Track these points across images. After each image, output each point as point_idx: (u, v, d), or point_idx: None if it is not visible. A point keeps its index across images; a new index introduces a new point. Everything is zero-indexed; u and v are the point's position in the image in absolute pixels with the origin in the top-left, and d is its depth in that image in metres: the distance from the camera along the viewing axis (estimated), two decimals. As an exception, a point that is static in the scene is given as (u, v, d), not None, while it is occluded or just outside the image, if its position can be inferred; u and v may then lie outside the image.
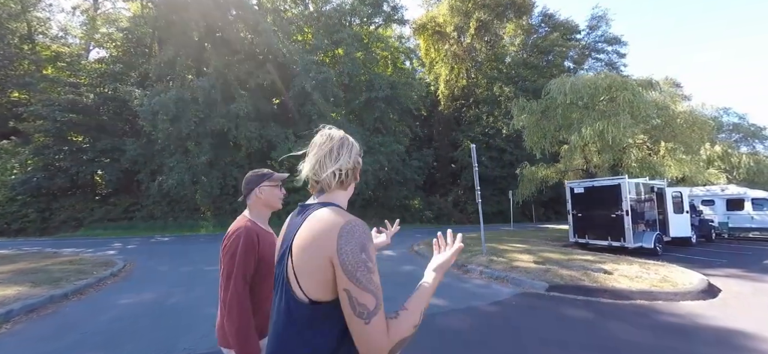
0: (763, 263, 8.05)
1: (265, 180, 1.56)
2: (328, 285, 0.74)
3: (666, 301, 4.65)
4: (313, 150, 0.89)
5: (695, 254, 9.22)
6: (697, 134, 12.89)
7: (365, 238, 0.76)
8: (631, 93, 10.97)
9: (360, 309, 0.70)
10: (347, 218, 0.78)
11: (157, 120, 16.96)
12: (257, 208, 1.56)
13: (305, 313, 0.74)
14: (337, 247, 0.73)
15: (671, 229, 9.92)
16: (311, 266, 0.74)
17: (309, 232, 0.77)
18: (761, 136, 19.90)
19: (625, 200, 8.70)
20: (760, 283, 5.97)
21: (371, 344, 0.70)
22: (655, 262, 7.03)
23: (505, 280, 5.77)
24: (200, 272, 7.18)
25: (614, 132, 10.49)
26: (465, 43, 31.40)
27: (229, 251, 1.37)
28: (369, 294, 0.71)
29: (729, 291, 5.35)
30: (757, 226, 12.34)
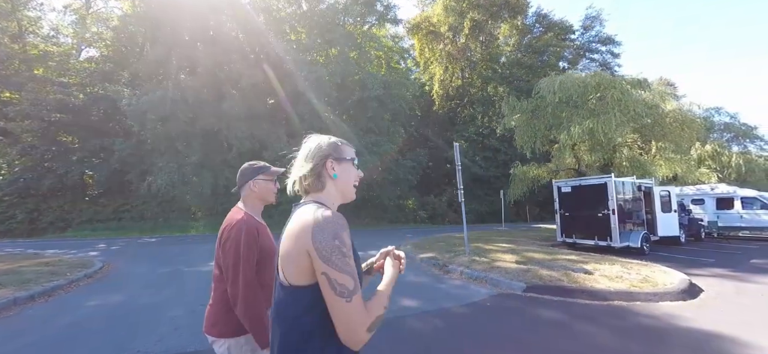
0: (750, 262, 7.95)
1: (260, 173, 1.55)
2: (304, 271, 0.80)
3: (644, 302, 4.53)
4: (297, 157, 0.99)
5: (683, 254, 9.12)
6: (687, 133, 12.83)
7: (338, 227, 0.81)
8: (619, 91, 10.88)
9: (340, 289, 0.76)
10: (322, 212, 0.83)
11: (145, 120, 16.78)
12: (251, 200, 1.55)
13: (287, 297, 0.83)
14: (312, 236, 0.79)
15: (659, 229, 9.81)
16: (291, 255, 0.81)
17: (292, 226, 0.85)
18: (752, 135, 19.88)
19: (612, 199, 8.59)
20: (744, 283, 5.86)
21: (352, 321, 0.75)
22: (639, 261, 6.92)
23: (484, 280, 5.63)
24: (177, 274, 7.03)
25: (604, 130, 10.40)
26: (459, 43, 31.29)
27: (233, 243, 1.37)
28: (346, 275, 0.77)
29: (711, 291, 5.24)
30: (746, 225, 12.27)
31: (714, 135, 19.80)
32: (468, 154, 28.91)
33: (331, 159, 0.94)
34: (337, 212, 0.86)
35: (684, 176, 16.25)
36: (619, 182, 9.09)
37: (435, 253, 7.91)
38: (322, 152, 0.94)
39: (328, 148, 0.95)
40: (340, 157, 0.96)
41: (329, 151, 0.95)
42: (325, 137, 0.99)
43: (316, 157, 0.94)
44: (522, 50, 32.88)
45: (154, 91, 17.13)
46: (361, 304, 0.78)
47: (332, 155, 0.95)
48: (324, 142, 0.97)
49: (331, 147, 0.96)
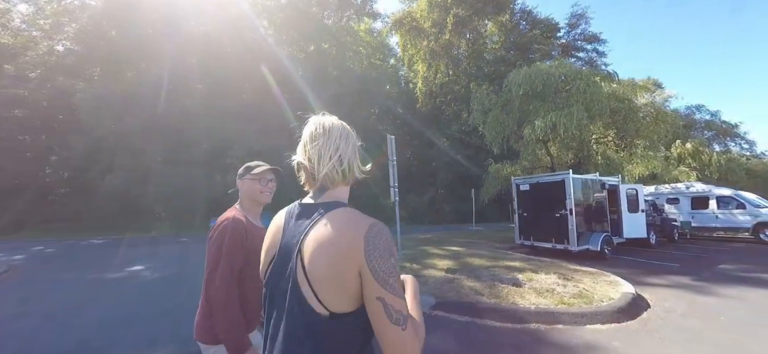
0: (718, 268, 7.09)
1: (247, 172, 1.48)
2: (353, 295, 0.67)
3: (566, 326, 3.62)
4: (309, 140, 0.79)
5: (648, 257, 8.26)
6: (661, 128, 11.98)
7: (391, 241, 0.71)
8: (585, 83, 9.99)
9: (397, 316, 0.65)
10: (370, 221, 0.71)
11: (99, 115, 15.74)
12: (243, 199, 1.49)
13: (324, 327, 0.66)
14: (366, 254, 0.66)
15: (625, 230, 8.94)
16: (335, 276, 0.65)
17: (327, 239, 0.68)
18: (733, 133, 19.10)
19: (569, 198, 7.69)
20: (702, 296, 4.98)
21: (408, 349, 0.65)
22: (590, 269, 6.03)
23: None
24: (79, 281, 6.28)
25: (566, 124, 9.51)
26: (443, 39, 30.37)
27: (216, 243, 1.29)
28: (402, 299, 0.67)
29: (658, 308, 4.35)
30: (721, 225, 11.43)
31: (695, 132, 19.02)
32: (451, 152, 28.08)
33: (358, 151, 0.82)
34: (380, 221, 0.71)
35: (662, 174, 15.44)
36: (579, 179, 8.20)
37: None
38: (351, 144, 0.80)
39: (356, 141, 0.83)
40: (359, 151, 0.84)
41: (356, 144, 0.82)
42: (346, 126, 0.82)
43: (346, 148, 0.78)
44: (506, 48, 32.00)
45: (109, 86, 16.09)
46: (414, 329, 0.67)
47: (357, 149, 0.82)
48: (352, 132, 0.83)
49: (356, 140, 0.84)
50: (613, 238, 8.83)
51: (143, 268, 7.97)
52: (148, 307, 4.73)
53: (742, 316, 4.05)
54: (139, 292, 5.59)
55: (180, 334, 3.65)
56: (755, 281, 5.84)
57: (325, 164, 0.75)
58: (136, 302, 4.99)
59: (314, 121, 0.82)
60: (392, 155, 7.02)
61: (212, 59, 19.36)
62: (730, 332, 3.58)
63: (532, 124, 10.42)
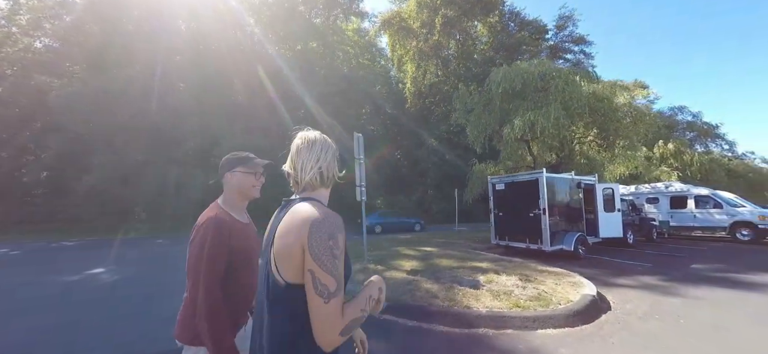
0: (690, 268, 6.97)
1: (240, 164, 1.37)
2: (298, 268, 0.78)
3: (516, 330, 3.40)
4: (295, 153, 0.93)
5: (623, 257, 8.12)
6: (641, 129, 11.93)
7: (335, 228, 0.80)
8: (563, 81, 9.85)
9: (321, 288, 0.74)
10: (322, 210, 0.82)
11: (76, 114, 15.25)
12: (229, 194, 1.38)
13: (281, 294, 0.80)
14: (309, 234, 0.77)
15: (601, 230, 8.80)
16: (286, 252, 0.79)
17: (288, 222, 0.82)
18: (714, 134, 19.21)
19: (543, 198, 7.52)
20: (667, 297, 4.81)
21: (326, 322, 0.74)
22: (556, 269, 5.84)
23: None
24: (29, 285, 6.05)
25: (544, 122, 9.36)
26: (432, 40, 30.24)
27: (197, 244, 1.21)
28: (331, 277, 0.76)
29: (619, 311, 4.16)
30: (699, 225, 11.39)
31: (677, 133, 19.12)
32: (439, 152, 27.95)
33: (337, 160, 0.95)
34: (335, 212, 0.84)
35: (644, 174, 15.44)
36: (553, 178, 8.04)
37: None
38: (330, 155, 0.94)
39: (335, 152, 0.96)
40: (338, 160, 0.97)
41: (335, 155, 0.95)
42: (326, 140, 0.96)
43: (325, 159, 0.92)
44: (495, 49, 31.98)
45: (88, 83, 15.61)
46: (339, 308, 0.76)
47: (336, 158, 0.96)
48: (332, 144, 0.97)
49: (335, 151, 0.96)
50: (589, 238, 8.71)
51: (104, 271, 7.60)
52: (88, 314, 4.41)
53: (703, 319, 3.88)
54: (87, 297, 5.25)
55: (112, 341, 3.39)
56: (723, 281, 5.71)
57: (307, 173, 0.89)
58: (78, 308, 4.67)
59: (300, 136, 0.94)
60: (359, 154, 6.78)
61: (197, 57, 18.95)
62: (687, 336, 3.39)
63: (512, 123, 10.26)
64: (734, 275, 6.20)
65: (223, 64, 19.47)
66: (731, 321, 3.82)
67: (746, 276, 6.13)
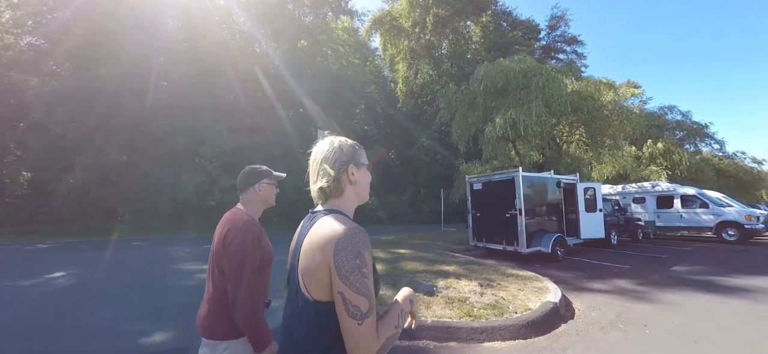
0: (670, 270, 6.66)
1: (265, 177, 1.50)
2: (325, 287, 0.76)
3: (461, 342, 3.06)
4: (310, 164, 0.91)
5: (604, 258, 7.81)
6: (627, 128, 11.64)
7: (361, 245, 0.77)
8: (545, 78, 9.54)
9: (353, 310, 0.72)
10: (346, 226, 0.79)
11: (55, 112, 14.82)
12: (254, 203, 1.48)
13: (308, 310, 0.78)
14: (334, 253, 0.74)
15: (582, 230, 8.48)
16: (312, 269, 0.77)
17: (312, 239, 0.80)
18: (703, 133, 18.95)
19: (519, 198, 7.19)
20: (638, 302, 4.49)
21: (362, 344, 0.72)
22: (524, 273, 5.51)
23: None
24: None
25: (525, 121, 9.03)
26: (424, 39, 29.94)
27: (240, 245, 1.30)
28: (362, 297, 0.73)
29: (581, 320, 3.83)
30: (685, 225, 11.09)
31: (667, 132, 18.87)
32: (430, 151, 27.65)
33: (352, 164, 0.89)
34: (361, 227, 0.81)
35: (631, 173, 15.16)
36: (531, 178, 7.72)
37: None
38: (343, 159, 0.89)
39: (348, 154, 0.90)
40: (359, 162, 0.91)
41: (350, 157, 0.90)
42: (343, 140, 0.92)
43: (337, 164, 0.88)
44: (487, 48, 31.71)
45: (68, 82, 15.19)
46: (373, 328, 0.74)
47: (352, 160, 0.90)
48: (344, 147, 0.91)
49: (351, 153, 0.91)
50: (570, 239, 8.39)
51: (64, 275, 7.21)
52: (25, 320, 4.05)
53: (671, 328, 3.56)
54: (33, 302, 4.88)
55: (48, 349, 3.05)
56: (702, 285, 5.39)
57: (313, 184, 0.89)
58: (16, 314, 4.30)
59: (314, 149, 0.92)
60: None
61: (181, 54, 18.54)
62: (649, 350, 3.06)
63: (493, 122, 9.94)
64: (714, 278, 5.88)
65: (210, 62, 19.07)
66: (702, 330, 3.49)
67: (727, 279, 5.82)
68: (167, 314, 4.22)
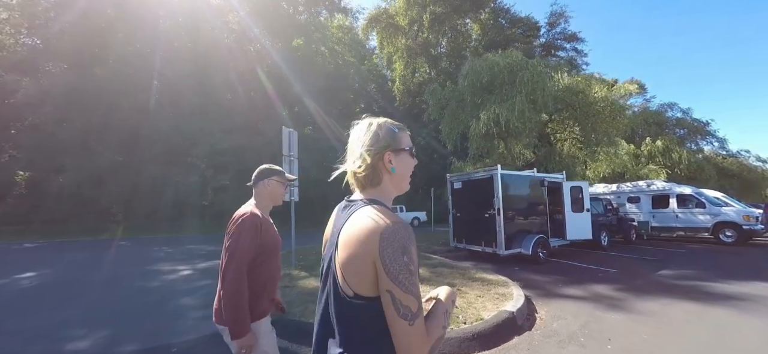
0: (656, 274, 6.23)
1: (275, 175, 1.59)
2: (371, 283, 0.71)
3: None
4: (348, 146, 0.86)
5: (590, 261, 7.38)
6: (620, 125, 11.16)
7: (407, 240, 0.72)
8: (530, 73, 9.11)
9: (404, 311, 0.68)
10: (390, 220, 0.73)
11: (43, 113, 14.81)
12: (262, 198, 1.58)
13: (349, 304, 0.73)
14: (380, 249, 0.69)
15: (569, 231, 8.06)
16: (355, 263, 0.72)
17: (353, 231, 0.74)
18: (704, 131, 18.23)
19: (497, 197, 6.81)
20: (610, 311, 4.11)
21: (414, 345, 0.68)
22: (492, 277, 5.14)
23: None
24: None
25: (508, 116, 8.63)
26: (421, 37, 29.49)
27: (234, 235, 1.38)
28: (412, 296, 0.69)
29: (540, 331, 3.47)
30: (681, 225, 10.56)
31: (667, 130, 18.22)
32: (427, 151, 27.27)
33: (390, 151, 0.81)
34: (404, 220, 0.75)
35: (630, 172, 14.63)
36: (512, 176, 7.33)
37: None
38: (380, 144, 0.81)
39: (386, 138, 0.81)
40: (398, 148, 0.83)
41: (387, 141, 0.81)
42: (381, 123, 0.84)
43: (373, 149, 0.80)
44: (486, 46, 31.15)
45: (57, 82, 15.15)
46: (423, 327, 0.70)
47: (390, 146, 0.81)
48: (382, 130, 0.82)
49: (389, 136, 0.82)
50: (555, 241, 7.99)
51: (34, 275, 7.06)
52: None
53: (636, 344, 3.18)
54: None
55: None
56: (686, 292, 4.97)
57: (353, 163, 0.81)
58: None
59: (351, 132, 0.86)
60: (290, 150, 6.13)
61: (174, 54, 18.44)
62: (605, 368, 2.70)
63: (478, 118, 9.55)
64: (703, 284, 5.45)
65: (203, 62, 18.94)
66: (670, 347, 3.11)
67: (715, 285, 5.38)
68: (108, 319, 4.02)
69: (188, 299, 4.93)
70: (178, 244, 12.26)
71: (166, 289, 5.59)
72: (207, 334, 3.50)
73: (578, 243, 8.65)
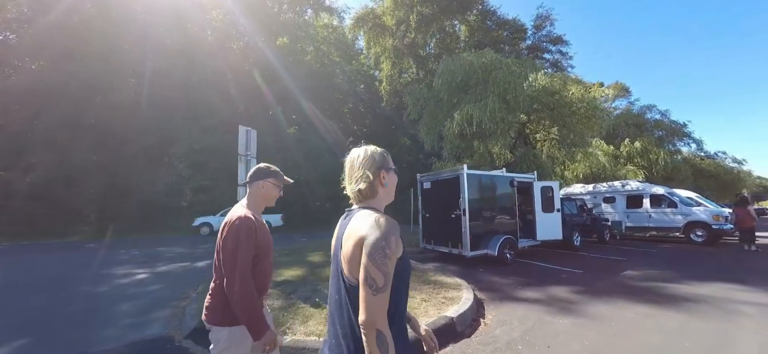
0: (621, 275, 6.14)
1: (272, 176, 1.59)
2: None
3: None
4: (348, 169, 1.03)
5: (557, 262, 7.28)
6: (595, 126, 11.15)
7: (389, 231, 0.86)
8: (504, 72, 9.01)
9: (370, 281, 0.81)
10: (378, 215, 0.90)
11: (10, 109, 14.19)
12: (256, 198, 1.58)
13: (352, 292, 0.87)
14: (366, 234, 0.85)
15: (539, 231, 7.97)
16: (352, 253, 0.87)
17: (352, 228, 0.91)
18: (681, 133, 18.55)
19: (463, 198, 6.66)
20: (560, 315, 3.96)
21: (370, 313, 0.79)
22: (445, 280, 4.97)
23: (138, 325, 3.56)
24: None
25: (480, 116, 8.51)
26: (409, 37, 29.38)
27: (232, 239, 1.39)
28: (380, 272, 0.81)
29: (479, 337, 3.30)
30: (654, 225, 10.60)
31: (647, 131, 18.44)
32: (412, 152, 27.18)
33: (383, 170, 1.01)
34: (391, 218, 0.91)
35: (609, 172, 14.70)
36: (479, 176, 7.19)
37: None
38: (376, 165, 1.00)
39: (380, 161, 1.02)
40: (389, 168, 1.03)
41: (381, 163, 1.01)
42: (374, 149, 1.03)
43: (372, 169, 0.99)
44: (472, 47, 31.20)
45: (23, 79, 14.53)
46: (384, 304, 0.81)
47: (384, 166, 1.01)
48: (376, 155, 1.02)
49: (381, 159, 1.02)
50: (525, 241, 7.89)
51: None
52: None
53: (576, 349, 3.02)
54: None
55: None
56: (644, 293, 4.88)
57: (350, 187, 1.01)
58: None
59: (349, 155, 1.04)
60: (247, 149, 5.86)
61: (152, 51, 17.90)
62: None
63: (452, 118, 9.41)
64: (663, 285, 5.37)
65: (181, 59, 18.45)
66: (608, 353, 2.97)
67: (674, 286, 5.31)
68: (34, 326, 3.73)
69: (127, 305, 4.63)
70: (148, 245, 11.83)
71: (110, 294, 5.28)
72: (126, 343, 3.26)
73: (550, 243, 8.57)
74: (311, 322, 3.23)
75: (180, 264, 8.15)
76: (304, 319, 3.32)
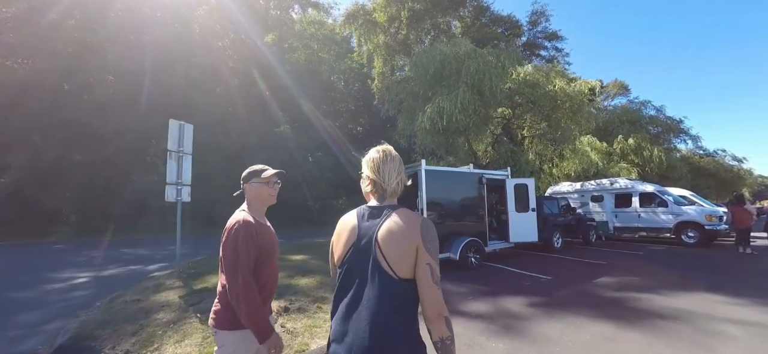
0: (594, 282, 5.47)
1: (253, 177, 1.54)
2: (412, 265, 0.91)
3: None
4: (381, 163, 1.05)
5: (527, 266, 6.58)
6: (581, 121, 10.44)
7: (434, 231, 0.97)
8: (477, 63, 8.33)
9: (436, 279, 0.91)
10: (423, 217, 1.00)
11: (-20, 108, 13.77)
12: (251, 201, 1.54)
13: (398, 288, 0.91)
14: (421, 235, 0.92)
15: (512, 233, 7.29)
16: (401, 252, 0.91)
17: (398, 227, 0.94)
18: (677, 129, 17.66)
19: (421, 196, 6.01)
20: (495, 339, 3.32)
21: (439, 304, 0.89)
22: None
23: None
24: None
25: (450, 109, 7.85)
26: (401, 34, 28.71)
27: (231, 244, 1.36)
28: (438, 267, 0.93)
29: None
30: (643, 225, 9.84)
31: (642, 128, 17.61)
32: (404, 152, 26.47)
33: (404, 173, 1.10)
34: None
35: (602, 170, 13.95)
36: (441, 172, 6.53)
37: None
38: (404, 170, 1.09)
39: (402, 164, 1.10)
40: (406, 173, 1.12)
41: (403, 166, 1.10)
42: (397, 155, 1.09)
43: (403, 172, 1.08)
44: (467, 44, 30.46)
45: (-3, 74, 14.12)
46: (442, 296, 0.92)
47: (404, 171, 1.10)
48: (401, 160, 1.10)
49: (402, 163, 1.11)
50: (496, 244, 7.22)
51: None
52: None
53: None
54: None
55: None
56: (610, 307, 4.20)
57: (394, 180, 1.04)
58: None
59: (382, 149, 1.08)
60: (179, 145, 5.29)
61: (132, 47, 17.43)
62: None
63: (424, 111, 8.76)
64: (640, 296, 4.68)
65: (162, 56, 17.95)
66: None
67: (651, 297, 4.62)
68: None
69: (32, 314, 4.08)
70: (116, 247, 11.35)
71: (25, 300, 4.75)
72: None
73: (528, 245, 7.91)
74: (190, 334, 2.61)
75: (131, 267, 7.62)
76: (174, 337, 2.70)
